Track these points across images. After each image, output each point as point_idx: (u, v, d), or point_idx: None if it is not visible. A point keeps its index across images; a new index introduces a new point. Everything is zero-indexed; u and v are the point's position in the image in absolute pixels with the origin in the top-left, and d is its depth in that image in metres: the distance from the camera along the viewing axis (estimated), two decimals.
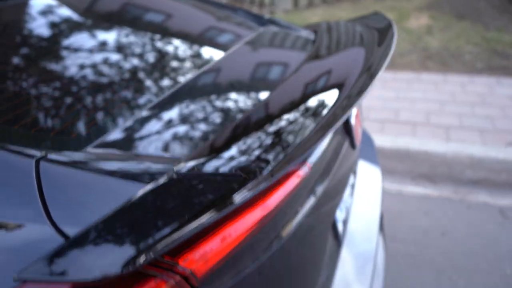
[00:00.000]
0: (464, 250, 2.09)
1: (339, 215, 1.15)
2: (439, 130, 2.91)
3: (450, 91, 3.44)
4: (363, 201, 1.39)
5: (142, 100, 0.87)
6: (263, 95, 0.89)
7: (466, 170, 2.65)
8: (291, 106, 0.80)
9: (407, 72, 3.84)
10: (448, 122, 3.00)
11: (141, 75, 0.94)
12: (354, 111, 1.27)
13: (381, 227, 1.43)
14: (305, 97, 0.82)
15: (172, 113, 0.83)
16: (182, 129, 0.79)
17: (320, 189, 0.89)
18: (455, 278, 1.93)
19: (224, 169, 0.64)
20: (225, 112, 0.83)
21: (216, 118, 0.82)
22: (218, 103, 0.86)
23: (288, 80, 0.91)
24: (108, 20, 1.17)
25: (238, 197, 0.59)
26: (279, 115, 0.77)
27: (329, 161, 0.95)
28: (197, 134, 0.77)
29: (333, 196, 1.02)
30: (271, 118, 0.78)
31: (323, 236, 0.97)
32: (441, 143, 2.76)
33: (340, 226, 1.14)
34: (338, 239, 1.12)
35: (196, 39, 1.17)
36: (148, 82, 0.92)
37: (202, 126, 0.80)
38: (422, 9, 5.41)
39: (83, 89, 0.86)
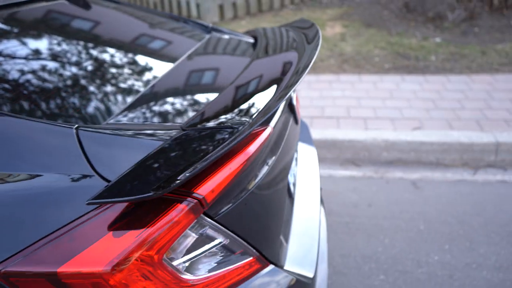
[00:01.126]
0: (387, 215, 2.50)
1: (290, 178, 1.44)
2: (359, 121, 3.36)
3: (365, 89, 3.95)
4: (305, 174, 1.70)
5: (134, 89, 1.10)
6: (229, 80, 1.16)
7: (382, 152, 3.11)
8: (255, 85, 1.08)
9: (327, 75, 4.31)
10: (365, 114, 3.47)
11: (131, 70, 1.17)
12: (294, 95, 1.58)
13: (322, 200, 1.74)
14: (264, 78, 1.11)
15: (164, 94, 1.07)
16: (173, 106, 1.03)
17: (278, 148, 1.17)
18: (382, 238, 2.32)
19: (216, 125, 0.90)
20: (204, 91, 1.09)
21: (198, 97, 1.08)
22: (198, 87, 1.12)
23: (248, 69, 1.19)
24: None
25: (229, 143, 0.85)
26: (246, 91, 1.05)
27: (281, 129, 1.25)
28: (188, 108, 1.02)
29: (287, 156, 1.31)
30: (242, 94, 1.05)
31: (282, 186, 1.25)
32: (361, 132, 3.20)
33: (291, 187, 1.44)
34: (291, 196, 1.41)
35: (164, 40, 1.41)
36: (140, 75, 1.15)
37: (190, 104, 1.05)
38: (336, 19, 6.01)
39: (90, 81, 1.07)
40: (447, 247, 2.23)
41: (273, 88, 1.05)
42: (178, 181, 0.76)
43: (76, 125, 0.88)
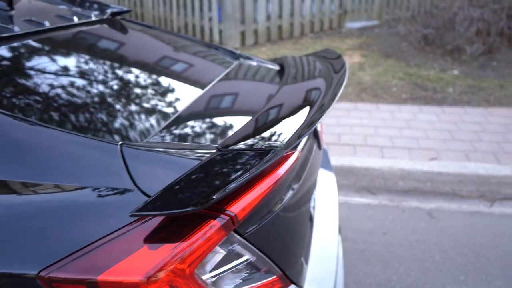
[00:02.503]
0: (402, 244, 2.51)
1: (312, 202, 1.49)
2: (375, 150, 3.40)
3: (382, 118, 4.00)
4: (325, 199, 1.74)
5: (171, 111, 1.18)
6: (261, 105, 1.24)
7: (398, 181, 3.13)
8: (285, 112, 1.16)
9: (345, 103, 4.38)
10: (382, 143, 3.51)
11: (168, 92, 1.25)
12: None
13: (339, 229, 1.77)
14: (293, 104, 1.18)
15: (199, 116, 1.15)
16: (209, 127, 1.11)
17: (303, 172, 1.23)
18: (397, 267, 2.32)
19: (250, 148, 0.97)
20: (237, 114, 1.17)
21: (232, 119, 1.15)
22: (230, 110, 1.20)
23: (278, 95, 1.27)
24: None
25: (262, 165, 0.91)
26: (277, 116, 1.12)
27: (307, 154, 1.31)
28: (223, 130, 1.10)
29: (310, 179, 1.37)
30: (273, 119, 1.13)
31: (305, 209, 1.31)
32: (377, 160, 3.24)
33: (312, 210, 1.49)
34: (311, 220, 1.46)
35: (197, 65, 1.51)
36: (176, 97, 1.24)
37: (224, 126, 1.12)
38: (355, 49, 6.13)
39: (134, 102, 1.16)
40: (463, 278, 2.22)
41: (303, 114, 1.11)
42: (214, 198, 0.82)
43: (121, 142, 0.96)
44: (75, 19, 1.52)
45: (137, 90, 1.25)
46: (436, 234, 2.60)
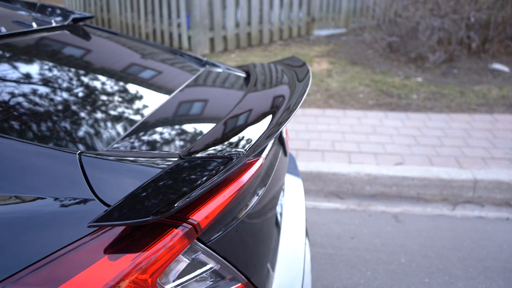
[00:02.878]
0: (369, 248, 2.55)
1: (278, 208, 1.50)
2: (343, 155, 3.45)
3: (349, 124, 4.08)
4: (291, 205, 1.76)
5: (133, 118, 1.16)
6: (224, 112, 1.24)
7: (365, 186, 3.19)
8: (249, 119, 1.16)
9: (314, 109, 4.44)
10: (349, 148, 3.57)
11: (130, 100, 1.23)
12: (284, 128, 1.66)
13: (307, 231, 1.79)
14: (257, 112, 1.19)
15: (161, 123, 1.13)
16: (171, 135, 1.10)
17: (268, 179, 1.24)
18: (364, 270, 2.36)
19: (212, 155, 0.96)
20: (200, 121, 1.16)
21: (194, 127, 1.14)
22: (194, 118, 1.19)
23: (242, 102, 1.27)
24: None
25: (225, 172, 0.91)
26: (240, 123, 1.12)
27: (272, 160, 1.31)
28: (185, 138, 1.09)
29: (276, 186, 1.37)
30: (236, 126, 1.13)
31: (271, 216, 1.31)
32: (345, 166, 3.29)
33: (279, 217, 1.49)
34: (278, 226, 1.46)
35: (162, 72, 1.49)
36: (138, 105, 1.22)
37: (187, 133, 1.11)
38: (323, 56, 6.23)
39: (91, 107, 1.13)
40: (427, 280, 2.28)
41: (266, 121, 1.12)
42: (176, 207, 0.81)
43: (79, 151, 0.94)
44: (34, 25, 1.48)
45: (99, 98, 1.22)
46: (402, 237, 2.66)
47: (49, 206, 0.87)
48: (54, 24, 1.58)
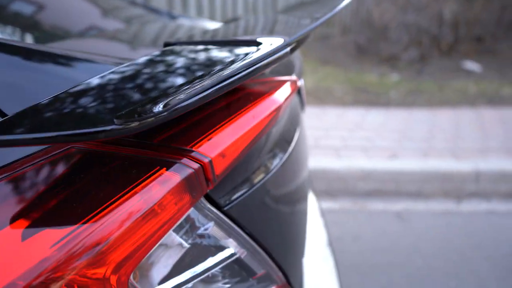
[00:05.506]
0: (376, 250, 2.13)
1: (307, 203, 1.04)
2: (329, 151, 3.06)
3: (330, 120, 3.72)
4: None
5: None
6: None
7: (358, 182, 2.80)
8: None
9: None
10: (335, 144, 3.19)
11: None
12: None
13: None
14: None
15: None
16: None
17: (291, 143, 0.78)
18: (377, 277, 1.93)
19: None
20: None
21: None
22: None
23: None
24: None
25: (257, 61, 0.46)
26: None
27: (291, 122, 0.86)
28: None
29: (303, 163, 0.94)
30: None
31: (303, 205, 0.87)
32: (334, 161, 2.90)
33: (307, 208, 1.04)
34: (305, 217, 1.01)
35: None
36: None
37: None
38: None
39: None
40: (454, 284, 1.88)
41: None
42: (170, 106, 0.36)
43: None
44: None
45: None
46: (411, 237, 2.27)
47: None
48: None
